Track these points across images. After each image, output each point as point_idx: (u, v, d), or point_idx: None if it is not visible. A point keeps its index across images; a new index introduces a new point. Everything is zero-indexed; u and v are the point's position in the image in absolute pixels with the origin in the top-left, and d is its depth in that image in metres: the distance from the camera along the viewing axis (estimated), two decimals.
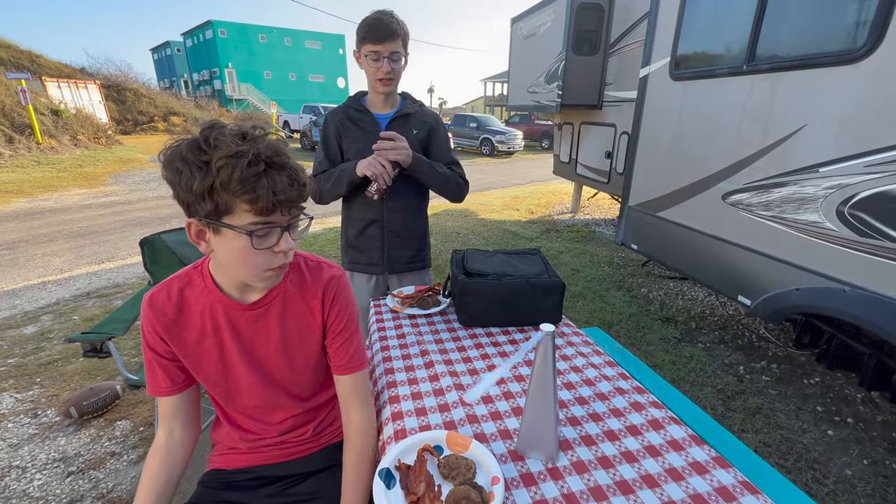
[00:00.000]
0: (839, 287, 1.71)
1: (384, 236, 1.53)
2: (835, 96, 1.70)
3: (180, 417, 0.86)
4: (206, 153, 0.65)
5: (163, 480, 0.81)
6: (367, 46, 1.33)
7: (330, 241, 4.68)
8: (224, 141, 0.65)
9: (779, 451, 1.83)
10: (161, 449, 0.84)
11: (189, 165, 0.65)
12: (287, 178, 0.69)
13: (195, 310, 0.81)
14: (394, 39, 1.31)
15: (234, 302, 0.82)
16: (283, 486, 0.91)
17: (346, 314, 0.89)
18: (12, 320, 2.94)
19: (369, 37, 1.31)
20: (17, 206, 6.15)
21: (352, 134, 1.45)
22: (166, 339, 0.80)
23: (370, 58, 1.34)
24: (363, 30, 1.32)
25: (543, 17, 4.91)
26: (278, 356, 0.86)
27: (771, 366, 2.45)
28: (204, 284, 0.81)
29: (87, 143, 10.99)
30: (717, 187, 2.28)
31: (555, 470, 0.75)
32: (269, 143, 0.69)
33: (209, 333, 0.82)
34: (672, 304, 3.24)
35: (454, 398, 0.94)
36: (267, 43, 32.19)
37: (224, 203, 0.67)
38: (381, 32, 1.30)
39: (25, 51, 17.86)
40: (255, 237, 0.70)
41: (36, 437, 1.87)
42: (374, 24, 1.30)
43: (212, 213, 0.68)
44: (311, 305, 0.87)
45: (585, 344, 1.18)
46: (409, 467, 0.74)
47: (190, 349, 0.82)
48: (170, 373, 0.83)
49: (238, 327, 0.83)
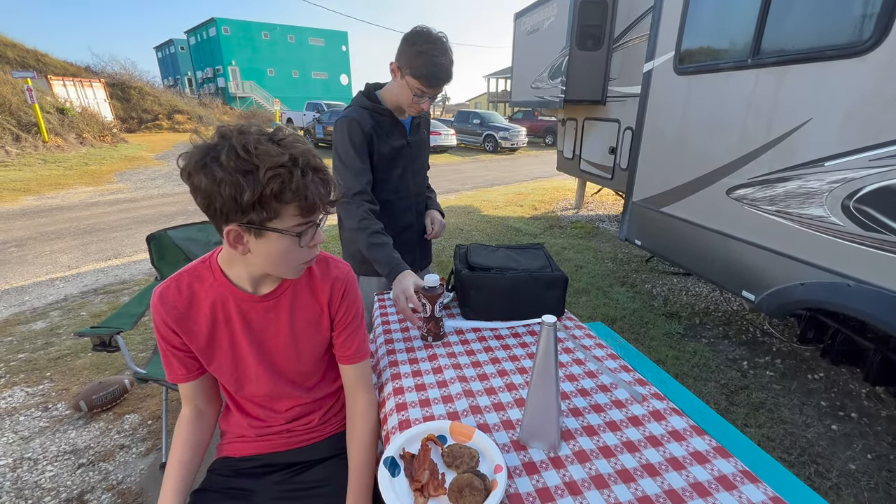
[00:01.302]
0: (844, 282, 1.71)
1: (416, 239, 1.57)
2: (840, 90, 1.69)
3: (202, 395, 0.92)
4: (250, 161, 0.65)
5: (194, 441, 0.90)
6: (419, 85, 1.24)
7: (333, 238, 4.70)
8: (266, 150, 0.66)
9: (782, 445, 1.83)
10: (188, 419, 0.91)
11: (232, 175, 0.65)
12: (321, 178, 0.72)
13: (205, 303, 0.83)
14: (446, 84, 1.26)
15: (246, 294, 0.84)
16: (290, 473, 0.93)
17: (354, 309, 0.93)
18: (22, 316, 2.98)
19: (424, 79, 1.22)
20: (24, 204, 6.21)
21: (382, 138, 1.38)
22: (178, 331, 0.83)
23: (416, 94, 1.27)
24: (421, 66, 1.21)
25: (547, 12, 4.88)
26: (287, 347, 0.89)
27: (775, 361, 2.44)
28: (214, 278, 0.83)
29: (93, 141, 11.06)
30: (721, 182, 2.27)
31: (557, 459, 0.76)
32: (302, 148, 0.71)
33: (220, 324, 0.84)
34: (676, 300, 3.23)
35: (458, 390, 0.95)
36: (270, 40, 32.19)
37: (273, 210, 0.69)
38: (439, 80, 1.23)
39: (31, 50, 17.98)
40: (302, 237, 0.74)
41: (47, 429, 1.90)
42: (435, 70, 1.21)
43: (257, 219, 0.69)
44: (319, 299, 0.90)
45: (588, 337, 1.19)
46: (413, 456, 0.75)
47: (201, 340, 0.84)
48: (184, 362, 0.87)
49: (249, 318, 0.86)
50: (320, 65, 35.18)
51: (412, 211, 1.52)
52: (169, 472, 0.86)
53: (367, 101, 1.37)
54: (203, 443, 0.92)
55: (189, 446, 0.89)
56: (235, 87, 29.80)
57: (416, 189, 1.52)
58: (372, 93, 1.40)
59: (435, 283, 1.10)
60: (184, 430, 0.90)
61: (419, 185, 1.54)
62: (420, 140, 1.50)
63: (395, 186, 1.44)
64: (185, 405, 0.92)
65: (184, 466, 0.87)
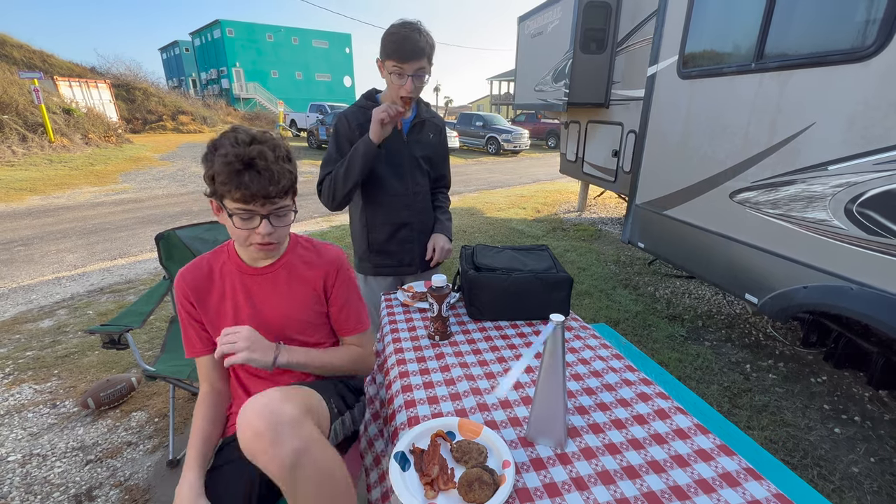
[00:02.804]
0: (847, 285, 1.72)
1: (415, 237, 1.56)
2: (844, 94, 1.70)
3: (217, 373, 1.03)
4: (213, 151, 0.87)
5: (213, 415, 0.99)
6: (392, 62, 1.28)
7: (337, 239, 4.72)
8: (224, 143, 0.86)
9: (785, 447, 1.84)
10: (206, 396, 1.01)
11: (205, 158, 0.88)
12: (267, 177, 0.86)
13: (217, 276, 1.01)
14: (420, 58, 1.27)
15: (248, 266, 1.02)
16: None
17: (347, 285, 1.08)
18: (29, 314, 3.01)
19: (394, 54, 1.27)
20: (31, 204, 6.26)
21: None
22: (194, 302, 0.98)
23: (395, 73, 1.29)
24: (389, 45, 1.27)
25: (551, 16, 4.91)
26: (284, 319, 1.02)
27: (778, 364, 2.45)
28: (228, 256, 1.02)
29: (98, 141, 11.14)
30: (724, 185, 2.29)
31: (563, 455, 0.78)
32: (259, 148, 0.86)
33: (228, 296, 1.00)
34: (679, 303, 3.24)
35: (465, 388, 0.97)
36: (274, 42, 32.36)
37: (219, 190, 0.88)
38: (406, 51, 1.25)
39: (38, 51, 18.12)
40: (235, 218, 0.90)
41: (55, 426, 1.92)
42: (402, 44, 1.25)
43: (215, 195, 0.90)
44: (314, 279, 1.05)
45: (593, 338, 1.20)
46: (423, 451, 0.77)
47: (211, 310, 1.00)
48: (200, 336, 1.00)
49: (250, 290, 1.01)
50: (324, 66, 35.32)
51: (409, 209, 1.53)
52: (192, 445, 0.92)
53: (364, 101, 1.47)
54: (221, 417, 1.01)
55: (209, 419, 0.97)
56: (239, 88, 29.94)
57: (413, 188, 1.52)
58: (372, 94, 1.49)
59: (442, 282, 1.12)
60: (203, 406, 0.99)
61: (418, 185, 1.54)
62: (420, 141, 1.51)
63: (389, 183, 1.47)
64: (202, 384, 1.03)
65: (206, 440, 0.94)
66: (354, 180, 1.37)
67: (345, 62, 36.79)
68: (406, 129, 1.48)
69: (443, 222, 1.61)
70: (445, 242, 1.57)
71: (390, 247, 1.56)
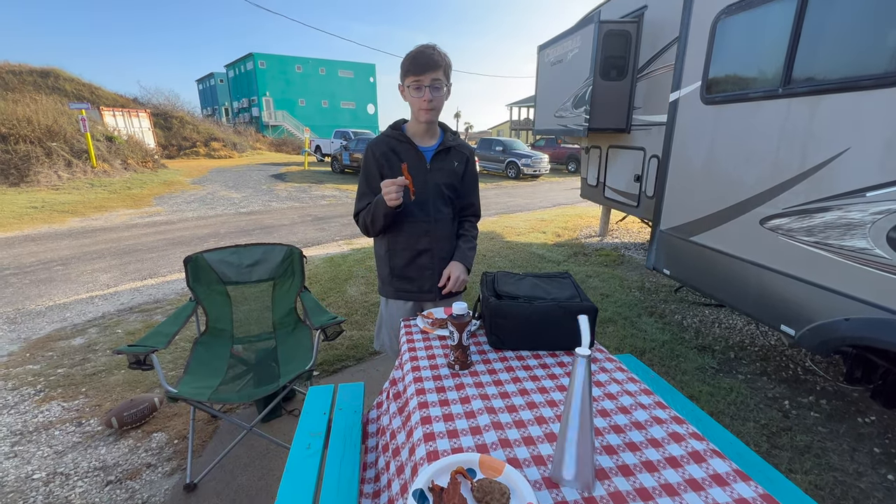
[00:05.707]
0: (893, 318, 1.61)
1: (435, 264, 1.56)
2: (880, 119, 1.65)
3: None
4: None
5: None
6: (410, 78, 1.37)
7: (357, 262, 4.77)
8: None
9: (832, 495, 1.70)
10: None
11: None
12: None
13: None
14: (435, 69, 1.36)
15: None
16: None
17: None
18: (63, 332, 3.12)
19: (411, 69, 1.36)
20: (71, 225, 6.60)
21: (396, 165, 1.45)
22: None
23: (412, 87, 1.37)
24: (406, 63, 1.37)
25: (571, 45, 4.99)
26: None
27: (820, 401, 2.29)
28: None
29: (136, 166, 11.75)
30: (754, 212, 2.21)
31: (591, 500, 0.73)
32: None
33: None
34: (708, 332, 3.11)
35: (486, 421, 0.93)
36: (303, 73, 34.01)
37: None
38: (422, 64, 1.35)
39: (87, 83, 19.55)
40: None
41: (79, 445, 1.95)
42: (416, 57, 1.36)
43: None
44: None
45: (619, 370, 1.15)
46: (442, 489, 0.74)
47: None
48: None
49: None
50: (349, 95, 36.79)
51: (429, 236, 1.53)
52: None
53: (390, 130, 1.53)
54: None
55: None
56: (268, 116, 31.38)
57: (435, 215, 1.53)
58: (398, 123, 1.55)
59: (463, 310, 1.10)
60: None
61: (440, 213, 1.53)
62: (444, 169, 1.52)
63: (410, 210, 1.49)
64: None
65: None
66: (379, 228, 1.49)
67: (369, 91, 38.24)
68: (429, 157, 1.50)
69: (463, 251, 1.59)
70: (462, 272, 1.54)
71: (410, 272, 1.56)
